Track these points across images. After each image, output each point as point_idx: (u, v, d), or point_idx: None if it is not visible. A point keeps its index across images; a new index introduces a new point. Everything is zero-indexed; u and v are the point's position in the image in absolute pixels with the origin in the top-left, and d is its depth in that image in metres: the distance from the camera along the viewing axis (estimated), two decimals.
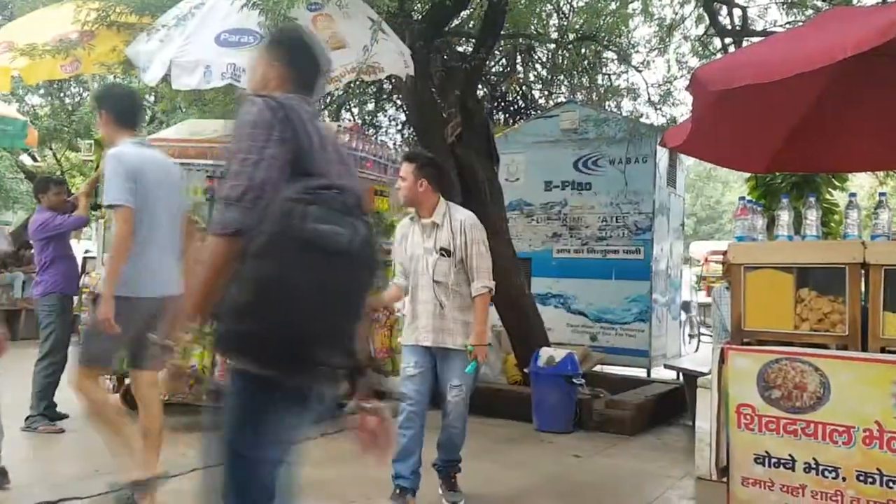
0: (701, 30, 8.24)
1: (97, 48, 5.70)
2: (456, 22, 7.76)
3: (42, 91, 12.76)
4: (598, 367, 7.64)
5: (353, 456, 2.90)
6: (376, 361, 6.20)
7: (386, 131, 10.63)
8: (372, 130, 10.04)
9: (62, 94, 13.16)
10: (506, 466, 5.14)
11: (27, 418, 5.70)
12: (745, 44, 7.22)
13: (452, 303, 3.94)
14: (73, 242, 6.56)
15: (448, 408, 4.05)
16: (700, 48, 8.23)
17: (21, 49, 5.60)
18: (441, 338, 3.96)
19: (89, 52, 5.67)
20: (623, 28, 8.49)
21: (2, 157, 12.24)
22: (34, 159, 14.56)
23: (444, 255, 3.94)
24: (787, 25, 7.41)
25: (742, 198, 4.25)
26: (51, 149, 14.32)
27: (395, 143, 9.95)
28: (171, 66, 4.99)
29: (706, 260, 18.64)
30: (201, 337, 2.30)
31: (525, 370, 6.60)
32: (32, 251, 12.80)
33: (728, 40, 7.64)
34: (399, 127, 10.36)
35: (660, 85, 8.41)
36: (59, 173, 12.50)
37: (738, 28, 7.62)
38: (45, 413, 5.75)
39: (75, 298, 6.23)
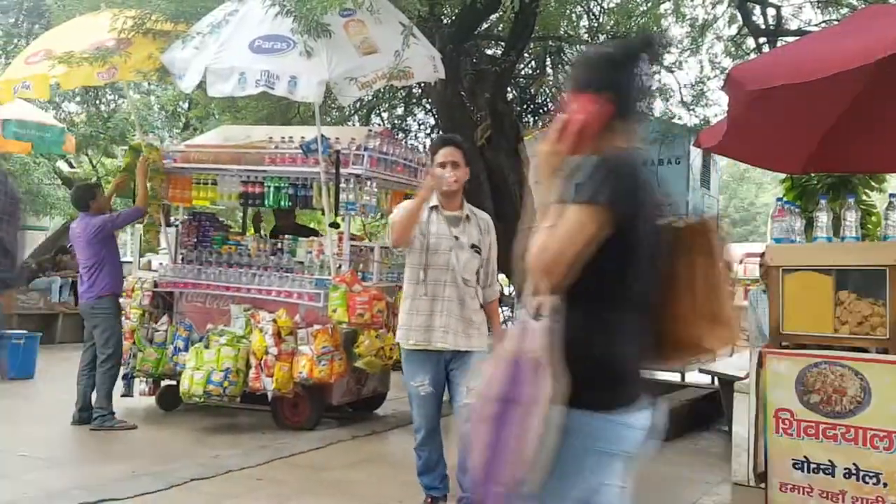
0: (734, 29, 8.16)
1: (133, 55, 5.80)
2: (485, 25, 7.77)
3: (78, 98, 12.99)
4: None
5: (382, 458, 2.91)
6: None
7: (415, 135, 10.67)
8: (401, 134, 10.07)
9: (98, 102, 13.40)
10: None
11: (96, 418, 5.81)
12: (779, 43, 7.13)
13: (471, 303, 3.72)
14: None
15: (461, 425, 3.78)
16: (733, 48, 8.15)
17: (59, 57, 5.72)
18: (460, 340, 3.69)
19: (126, 60, 5.77)
20: (655, 28, 8.42)
21: (39, 164, 12.48)
22: (70, 165, 14.85)
23: (476, 252, 3.74)
24: (822, 24, 7.30)
25: (779, 199, 4.19)
26: (87, 155, 14.58)
27: (424, 147, 9.96)
28: (206, 72, 5.06)
29: (741, 262, 18.38)
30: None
31: None
32: (69, 256, 13.08)
33: (762, 40, 7.56)
34: (428, 131, 10.38)
35: (693, 85, 8.32)
36: (94, 179, 12.72)
37: (771, 27, 7.53)
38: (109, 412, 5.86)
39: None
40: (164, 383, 6.56)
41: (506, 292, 10.57)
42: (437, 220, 3.74)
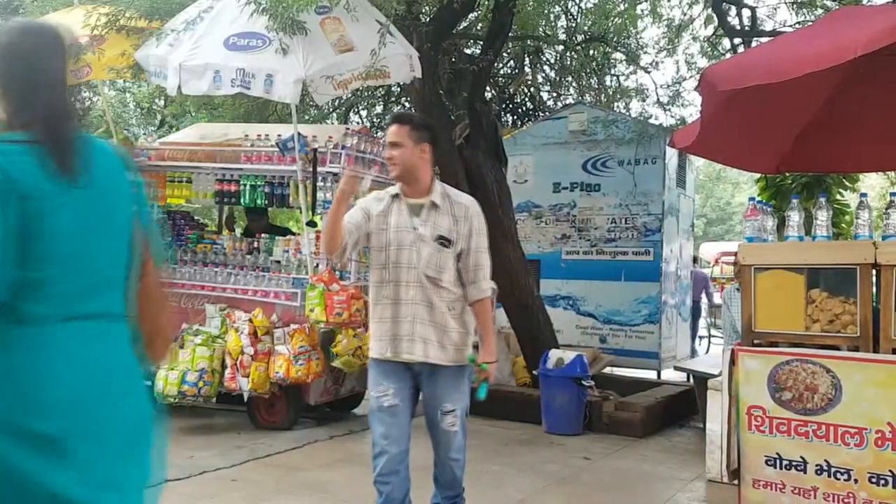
0: (710, 30, 8.22)
1: (107, 53, 5.75)
2: (464, 24, 7.77)
3: None
4: (607, 369, 7.63)
5: (360, 458, 2.91)
6: None
7: None
8: (380, 133, 10.06)
9: (72, 99, 13.22)
10: (515, 468, 5.13)
11: None
12: (754, 44, 7.20)
13: (445, 306, 3.08)
14: None
15: (443, 438, 3.12)
16: (709, 49, 8.21)
17: None
18: (428, 350, 3.06)
19: (99, 57, 5.71)
20: (631, 29, 8.49)
21: None
22: None
23: (443, 245, 3.08)
24: (797, 25, 7.38)
25: (752, 198, 4.23)
26: None
27: None
28: (180, 70, 5.02)
29: (716, 261, 18.57)
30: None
31: (534, 372, 6.59)
32: None
33: (737, 41, 7.62)
34: None
35: (669, 86, 8.39)
36: None
37: (747, 28, 7.60)
38: None
39: None
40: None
41: None
42: (397, 210, 3.14)
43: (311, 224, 5.90)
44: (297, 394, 5.91)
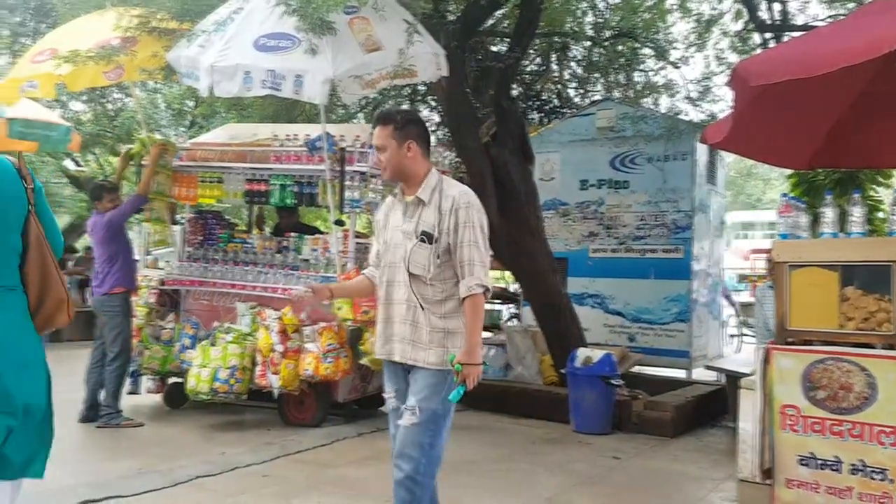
0: (740, 25, 8.11)
1: (139, 54, 5.82)
2: (490, 22, 7.75)
3: (85, 97, 13.02)
4: (636, 368, 7.57)
5: (388, 455, 2.92)
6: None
7: None
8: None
9: (104, 100, 13.44)
10: (543, 467, 5.12)
11: (103, 416, 5.84)
12: (785, 39, 7.09)
13: (431, 305, 2.94)
14: None
15: (399, 433, 2.95)
16: (739, 43, 8.10)
17: (65, 56, 5.73)
18: (411, 351, 2.95)
19: (131, 59, 5.79)
20: (660, 24, 8.40)
21: (46, 162, 12.52)
22: (77, 164, 14.90)
23: (423, 241, 2.93)
24: (829, 19, 7.26)
25: (785, 195, 4.18)
26: (94, 153, 14.63)
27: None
28: (212, 71, 5.07)
29: (747, 258, 18.36)
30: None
31: (562, 371, 6.56)
32: (76, 256, 13.12)
33: (768, 35, 7.51)
34: (433, 128, 10.37)
35: (698, 81, 8.29)
36: (101, 178, 12.76)
37: (778, 23, 7.49)
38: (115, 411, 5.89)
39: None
40: (170, 381, 6.59)
41: (511, 289, 10.58)
42: (395, 209, 3.11)
43: (339, 223, 5.94)
44: (326, 391, 5.96)
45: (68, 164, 14.37)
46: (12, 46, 12.63)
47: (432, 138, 9.77)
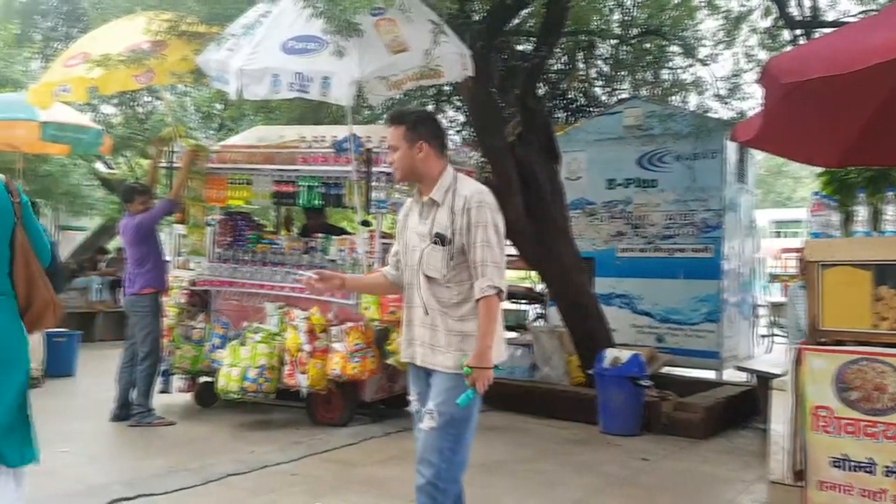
0: (769, 21, 8.00)
1: (169, 58, 5.89)
2: (516, 21, 7.73)
3: (115, 100, 13.20)
4: (665, 369, 7.50)
5: (415, 455, 2.92)
6: None
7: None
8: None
9: (134, 104, 13.62)
10: (570, 468, 5.10)
11: (134, 415, 5.93)
12: (815, 35, 6.99)
13: (448, 308, 2.90)
14: None
15: (421, 436, 2.94)
16: (768, 40, 7.99)
17: (96, 60, 5.82)
18: (430, 354, 2.93)
19: (161, 62, 5.86)
20: (688, 21, 8.32)
21: (78, 165, 12.71)
22: (108, 167, 15.11)
23: (437, 243, 2.90)
24: (860, 15, 7.14)
25: (816, 193, 4.12)
26: (124, 156, 14.82)
27: (454, 144, 9.98)
28: (241, 74, 5.12)
29: (777, 257, 18.10)
30: None
31: (589, 371, 6.53)
32: (108, 256, 13.31)
33: (798, 32, 7.40)
34: (459, 128, 10.37)
35: (727, 78, 8.19)
36: (132, 180, 12.94)
37: (808, 19, 7.38)
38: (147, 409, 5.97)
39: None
40: (201, 380, 6.66)
41: (537, 289, 10.54)
42: (413, 210, 3.08)
43: (366, 223, 5.97)
44: (353, 391, 5.99)
45: (100, 166, 14.57)
46: (44, 51, 12.85)
47: (457, 138, 9.73)
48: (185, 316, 6.57)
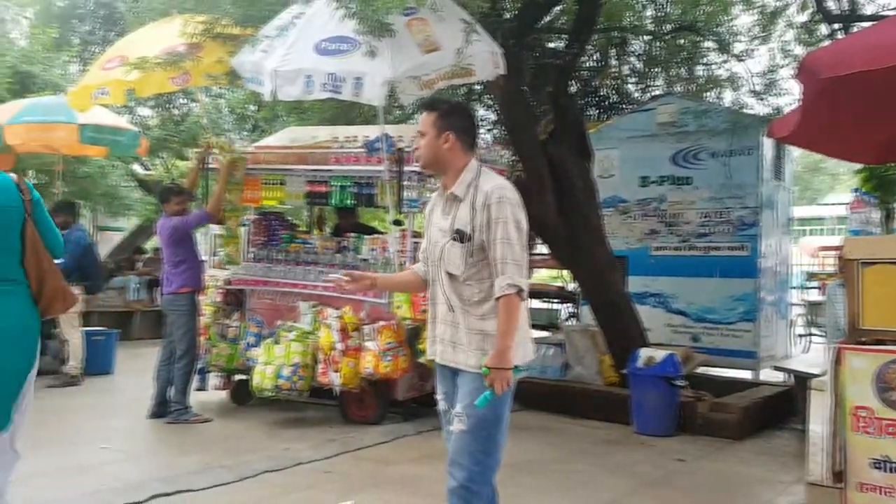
0: (806, 16, 7.86)
1: (204, 60, 5.97)
2: (547, 18, 7.70)
3: (151, 103, 13.43)
4: (700, 369, 7.41)
5: (447, 454, 2.93)
6: None
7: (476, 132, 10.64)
8: None
9: (170, 106, 13.84)
10: (604, 469, 5.06)
11: (172, 412, 6.03)
12: (854, 30, 6.85)
13: (469, 306, 2.85)
14: None
15: (452, 438, 2.90)
16: (805, 35, 7.85)
17: (133, 63, 5.92)
18: (451, 352, 2.90)
19: (197, 65, 5.94)
20: (722, 17, 8.20)
21: (116, 167, 12.95)
22: (145, 168, 15.37)
23: (456, 240, 2.84)
24: None
25: (856, 190, 4.05)
26: (161, 158, 15.07)
27: (485, 143, 9.97)
28: (275, 75, 5.17)
29: (814, 255, 17.79)
30: None
31: (622, 371, 6.47)
32: (145, 256, 13.54)
33: (836, 26, 7.26)
34: (489, 127, 10.36)
35: (763, 74, 8.06)
36: (169, 181, 13.14)
37: (846, 13, 7.24)
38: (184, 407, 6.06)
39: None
40: (236, 378, 6.75)
41: (569, 288, 10.50)
42: (437, 205, 3.04)
43: (397, 223, 5.99)
44: (385, 389, 6.02)
45: (137, 168, 14.83)
46: (82, 54, 13.13)
47: (488, 137, 9.70)
48: (221, 314, 6.66)
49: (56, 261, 3.26)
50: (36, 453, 4.96)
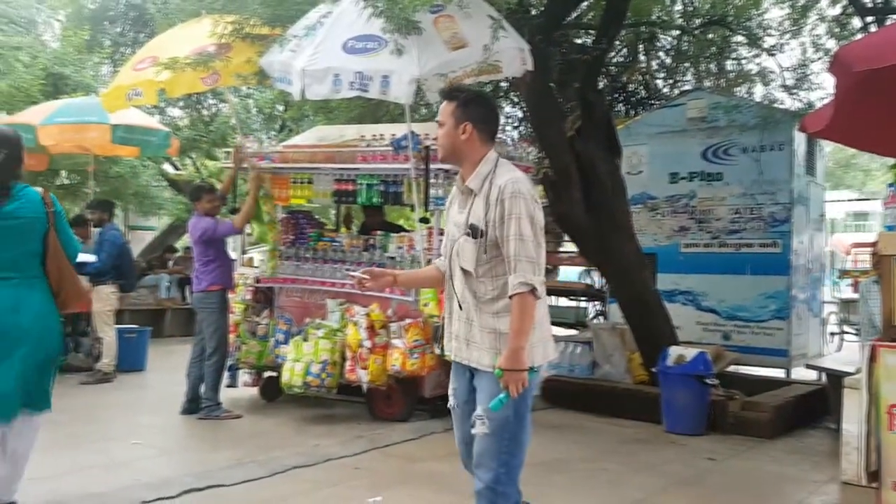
0: (838, 9, 7.73)
1: (233, 60, 6.02)
2: (575, 14, 7.66)
3: (181, 103, 13.59)
4: (731, 368, 7.33)
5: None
6: None
7: (503, 129, 10.63)
8: None
9: (199, 106, 14.00)
10: (633, 468, 5.03)
11: (203, 408, 6.10)
12: (888, 22, 6.72)
13: (483, 303, 2.78)
14: None
15: (474, 440, 2.85)
16: (837, 29, 7.73)
17: (164, 63, 6.00)
18: (465, 350, 2.84)
19: (226, 65, 6.00)
20: (753, 11, 8.10)
21: (147, 167, 13.14)
22: (175, 168, 15.58)
23: (470, 235, 2.77)
24: None
25: (891, 185, 3.97)
26: (190, 158, 15.25)
27: (512, 140, 9.96)
28: (303, 75, 5.21)
29: (848, 252, 17.50)
30: None
31: (652, 369, 6.42)
32: (176, 255, 13.71)
33: (869, 19, 7.14)
34: (516, 124, 10.34)
35: (795, 68, 7.94)
36: (198, 181, 13.30)
37: (879, 5, 7.11)
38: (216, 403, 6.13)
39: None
40: (265, 374, 6.81)
41: (596, 286, 10.44)
42: (455, 198, 2.97)
43: (424, 220, 6.00)
44: (412, 386, 6.03)
45: (167, 167, 15.03)
46: (113, 55, 13.33)
47: (514, 133, 9.65)
48: (251, 312, 6.72)
49: (89, 259, 3.83)
50: (70, 449, 5.07)
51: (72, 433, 5.49)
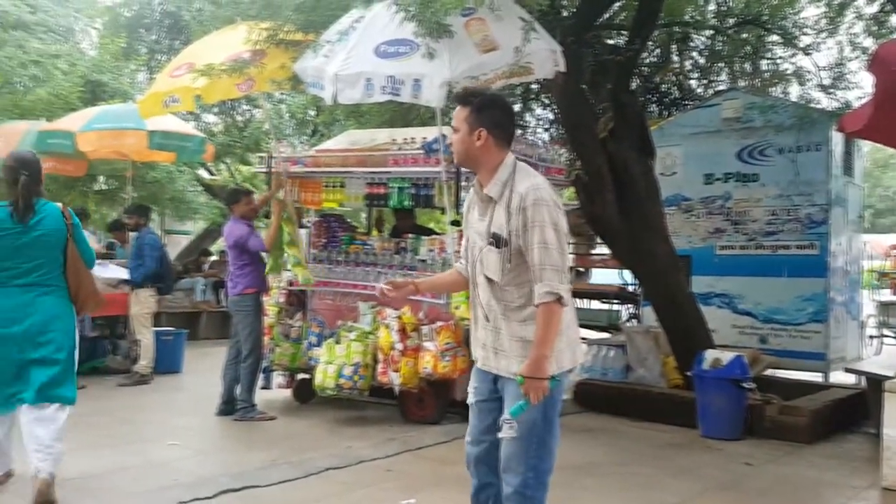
0: (875, 7, 7.59)
1: (268, 66, 6.09)
2: (607, 15, 7.62)
3: (216, 109, 13.78)
4: (768, 371, 7.22)
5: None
6: None
7: (534, 131, 10.59)
8: (519, 130, 10.03)
9: (233, 112, 14.19)
10: (669, 473, 4.97)
11: (239, 409, 6.18)
12: None
13: (510, 311, 2.75)
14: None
15: (501, 444, 2.81)
16: (875, 27, 7.58)
17: (200, 69, 6.08)
18: (495, 359, 2.81)
19: (261, 71, 6.07)
20: (788, 10, 7.98)
21: (183, 172, 13.34)
22: (210, 173, 15.79)
23: (493, 244, 2.73)
24: None
25: None
26: (225, 163, 15.44)
27: (543, 143, 9.94)
28: (336, 79, 5.25)
29: (887, 254, 17.14)
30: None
31: (687, 373, 6.34)
32: (211, 259, 13.88)
33: None
34: (547, 126, 10.29)
35: (831, 68, 7.80)
36: (233, 185, 13.46)
37: None
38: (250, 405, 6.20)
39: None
40: (299, 377, 6.86)
41: (629, 288, 10.35)
42: (474, 204, 2.91)
43: (455, 223, 6.00)
44: (444, 389, 6.03)
45: (203, 173, 15.24)
46: (149, 63, 13.57)
47: (545, 135, 9.57)
48: (284, 315, 6.78)
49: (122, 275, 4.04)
50: (108, 449, 5.16)
51: (110, 434, 5.59)
